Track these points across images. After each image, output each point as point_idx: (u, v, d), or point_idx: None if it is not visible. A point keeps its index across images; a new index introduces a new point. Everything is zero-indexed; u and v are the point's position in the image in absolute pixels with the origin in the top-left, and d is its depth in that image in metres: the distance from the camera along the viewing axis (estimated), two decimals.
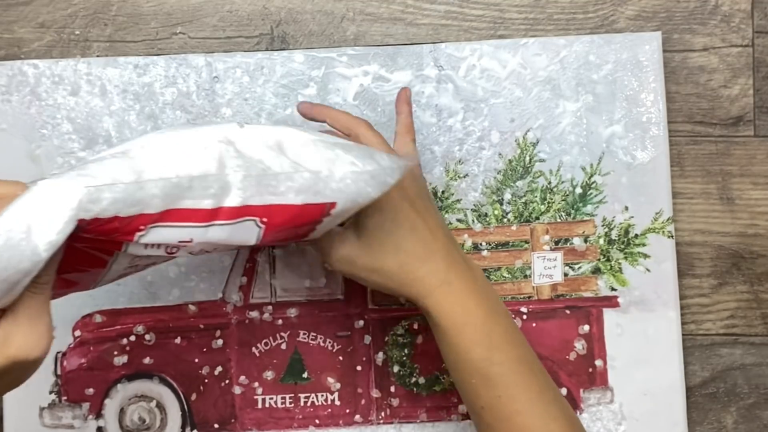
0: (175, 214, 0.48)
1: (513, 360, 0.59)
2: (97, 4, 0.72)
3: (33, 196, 0.43)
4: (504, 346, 0.59)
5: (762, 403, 0.72)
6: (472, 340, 0.58)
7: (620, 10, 0.72)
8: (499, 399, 0.58)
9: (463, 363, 0.59)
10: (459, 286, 0.59)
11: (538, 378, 0.60)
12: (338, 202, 0.52)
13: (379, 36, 0.72)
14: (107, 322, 0.71)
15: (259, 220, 0.51)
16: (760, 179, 0.72)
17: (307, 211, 0.52)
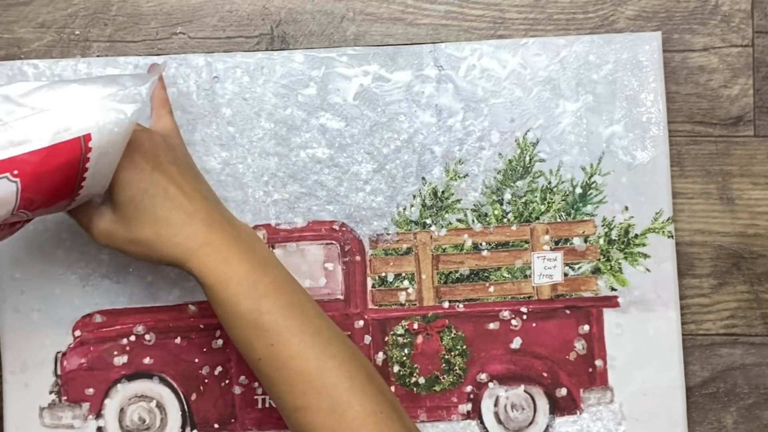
0: None
1: (283, 306, 0.60)
2: (97, 4, 0.72)
3: None
4: (272, 294, 0.60)
5: (762, 403, 0.72)
6: (237, 293, 0.59)
7: (620, 10, 0.72)
8: (273, 347, 0.59)
9: (233, 317, 0.60)
10: (220, 245, 0.60)
11: (313, 321, 0.60)
12: (92, 132, 0.52)
13: (379, 36, 0.72)
14: (107, 322, 0.71)
15: (10, 174, 0.50)
16: (760, 179, 0.72)
17: (61, 150, 0.51)
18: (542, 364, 0.71)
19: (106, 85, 0.53)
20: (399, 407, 0.61)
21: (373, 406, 0.58)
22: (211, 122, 0.71)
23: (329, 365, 0.59)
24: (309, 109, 0.71)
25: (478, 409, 0.71)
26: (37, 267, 0.71)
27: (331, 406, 0.58)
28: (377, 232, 0.71)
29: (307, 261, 0.71)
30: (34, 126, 0.50)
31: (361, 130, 0.71)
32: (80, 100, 0.52)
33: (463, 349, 0.71)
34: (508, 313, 0.71)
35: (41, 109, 0.51)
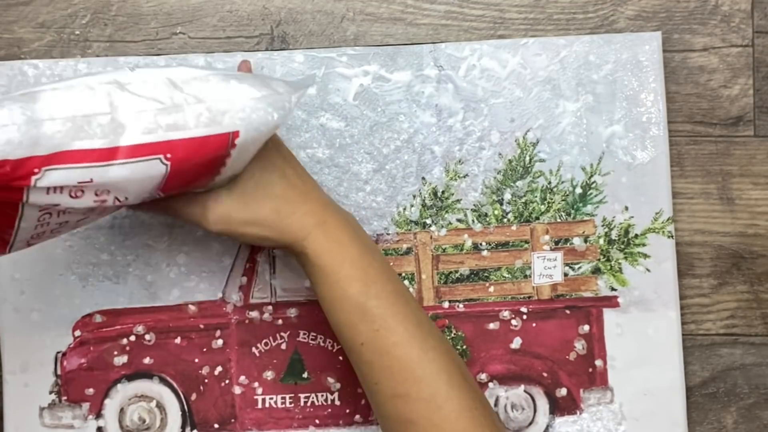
0: (69, 155, 0.49)
1: (390, 293, 0.60)
2: (97, 4, 0.72)
3: None
4: (380, 280, 0.60)
5: (762, 403, 0.72)
6: (349, 275, 0.60)
7: (620, 10, 0.72)
8: (377, 332, 0.59)
9: (341, 300, 0.60)
10: (335, 224, 0.61)
11: (415, 311, 0.61)
12: (241, 130, 0.53)
13: (379, 36, 0.72)
14: (107, 322, 0.71)
15: (163, 156, 0.51)
16: (760, 179, 0.72)
17: (211, 142, 0.52)
18: (542, 364, 0.71)
19: (260, 87, 0.55)
20: (490, 407, 0.61)
21: (470, 402, 0.59)
22: None
23: (431, 356, 0.59)
24: (309, 109, 0.71)
25: None
26: (37, 267, 0.71)
27: (430, 396, 0.58)
28: (377, 232, 0.71)
29: None
30: (192, 114, 0.52)
31: (361, 130, 0.71)
32: (236, 98, 0.53)
33: (463, 349, 0.71)
34: (508, 313, 0.71)
35: (200, 99, 0.52)
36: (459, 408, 0.58)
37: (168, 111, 0.51)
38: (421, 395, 0.58)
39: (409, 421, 0.58)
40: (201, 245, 0.71)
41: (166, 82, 0.53)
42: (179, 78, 0.53)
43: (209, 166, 0.54)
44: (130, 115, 0.50)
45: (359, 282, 0.60)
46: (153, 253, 0.71)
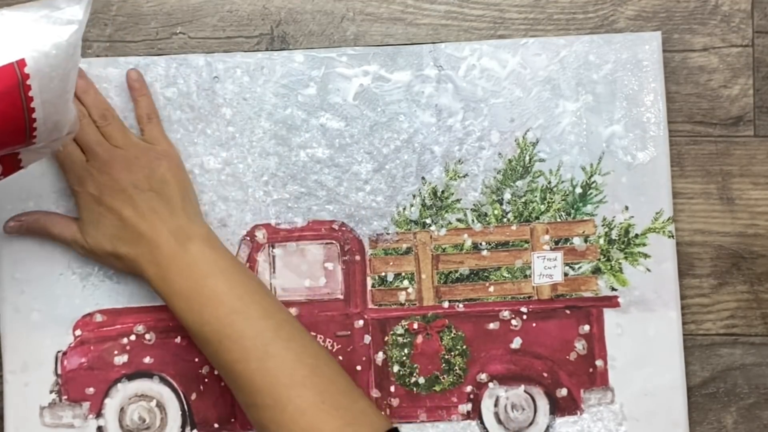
0: None
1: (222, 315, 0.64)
2: (97, 4, 0.72)
3: None
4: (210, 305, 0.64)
5: (762, 403, 0.72)
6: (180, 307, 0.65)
7: (620, 10, 0.72)
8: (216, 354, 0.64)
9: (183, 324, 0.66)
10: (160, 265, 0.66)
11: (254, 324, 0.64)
12: (26, 57, 0.50)
13: (379, 36, 0.72)
14: (107, 322, 0.71)
15: None
16: (760, 179, 0.72)
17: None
18: (542, 364, 0.71)
19: (38, 8, 0.51)
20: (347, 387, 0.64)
21: (315, 397, 0.61)
22: (211, 122, 0.71)
23: (269, 365, 0.62)
24: (309, 109, 0.71)
25: (478, 409, 0.71)
26: (37, 267, 0.71)
27: (273, 402, 0.61)
28: (377, 231, 0.71)
29: (306, 261, 0.71)
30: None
31: (361, 130, 0.71)
32: (10, 26, 0.50)
33: (463, 349, 0.71)
34: (508, 313, 0.71)
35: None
36: (304, 406, 0.61)
37: None
38: (266, 402, 0.61)
39: (263, 426, 0.62)
40: None
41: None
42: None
43: (9, 104, 0.51)
44: None
45: (190, 312, 0.64)
46: None
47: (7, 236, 0.70)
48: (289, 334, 0.64)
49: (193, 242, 0.66)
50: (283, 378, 0.61)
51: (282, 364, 0.62)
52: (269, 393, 0.61)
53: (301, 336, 0.65)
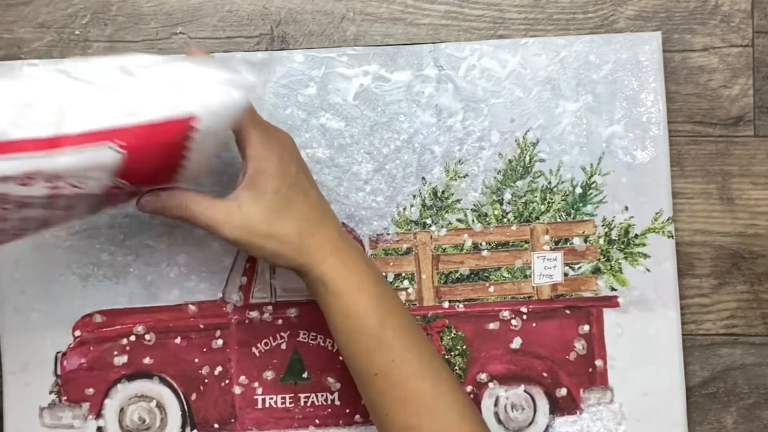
0: (10, 145, 0.47)
1: (405, 325, 0.60)
2: (97, 4, 0.72)
3: None
4: (396, 312, 0.60)
5: (762, 403, 0.72)
6: (367, 305, 0.59)
7: (620, 10, 0.72)
8: (393, 363, 0.59)
9: (358, 331, 0.60)
10: (350, 253, 0.60)
11: (427, 344, 0.61)
12: (198, 114, 0.51)
13: (379, 36, 0.72)
14: (107, 322, 0.71)
15: (116, 145, 0.49)
16: (760, 179, 0.72)
17: (167, 128, 0.50)
18: (542, 364, 0.71)
19: (219, 68, 0.52)
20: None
21: None
22: None
23: (443, 388, 0.59)
24: (309, 109, 0.71)
25: (478, 409, 0.71)
26: (37, 267, 0.71)
27: (442, 428, 0.58)
28: (377, 232, 0.71)
29: None
30: (145, 99, 0.50)
31: (361, 130, 0.71)
32: (192, 81, 0.51)
33: (463, 349, 0.71)
34: (508, 313, 0.71)
35: (153, 84, 0.50)
36: None
37: (118, 97, 0.49)
38: (433, 427, 0.58)
39: None
40: (201, 245, 0.71)
41: (118, 68, 0.51)
42: (132, 64, 0.51)
43: (168, 153, 0.52)
44: (75, 102, 0.49)
45: (377, 313, 0.59)
46: (153, 253, 0.71)
47: None
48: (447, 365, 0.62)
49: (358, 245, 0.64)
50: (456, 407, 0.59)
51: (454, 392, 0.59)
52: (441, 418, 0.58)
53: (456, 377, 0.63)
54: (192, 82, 0.51)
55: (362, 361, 0.60)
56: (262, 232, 0.59)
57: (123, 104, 0.49)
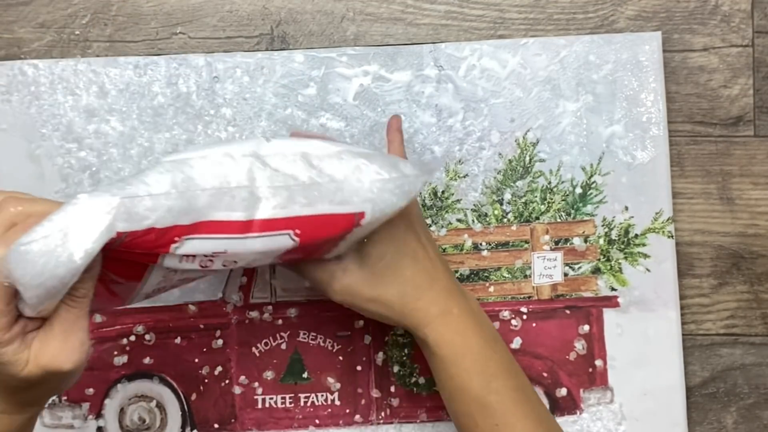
0: (208, 225, 0.49)
1: (510, 388, 0.60)
2: (97, 4, 0.72)
3: (71, 207, 0.45)
4: (501, 375, 0.60)
5: (762, 403, 0.72)
6: (470, 369, 0.59)
7: (620, 10, 0.72)
8: (497, 427, 0.58)
9: (461, 392, 0.59)
10: (458, 315, 0.60)
11: (535, 407, 0.60)
12: (366, 211, 0.53)
13: (379, 36, 0.72)
14: (107, 322, 0.71)
15: (293, 232, 0.52)
16: (760, 179, 0.72)
17: (339, 221, 0.53)
18: (542, 364, 0.71)
19: (390, 169, 0.54)
20: None
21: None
22: (211, 122, 0.71)
23: None
24: (309, 109, 0.71)
25: None
26: None
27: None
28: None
29: None
30: (324, 193, 0.52)
31: (361, 130, 0.71)
32: (366, 178, 0.53)
33: None
34: (508, 313, 0.71)
35: (333, 178, 0.53)
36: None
37: (301, 187, 0.52)
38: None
39: None
40: None
41: (301, 157, 0.53)
42: (314, 153, 0.53)
43: (330, 242, 0.55)
44: (266, 189, 0.51)
45: (480, 376, 0.59)
46: None
47: None
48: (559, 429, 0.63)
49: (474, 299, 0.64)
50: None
51: None
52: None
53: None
54: (365, 179, 0.53)
55: (467, 422, 0.60)
56: (366, 297, 0.59)
57: (304, 194, 0.52)
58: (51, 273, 0.44)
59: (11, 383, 0.47)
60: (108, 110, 0.71)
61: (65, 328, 0.47)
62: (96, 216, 0.45)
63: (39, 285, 0.44)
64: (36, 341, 0.47)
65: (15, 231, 0.45)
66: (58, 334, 0.47)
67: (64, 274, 0.44)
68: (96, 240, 0.44)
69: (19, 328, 0.46)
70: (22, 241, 0.43)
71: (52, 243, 0.43)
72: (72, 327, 0.47)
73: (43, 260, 0.43)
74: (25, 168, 0.71)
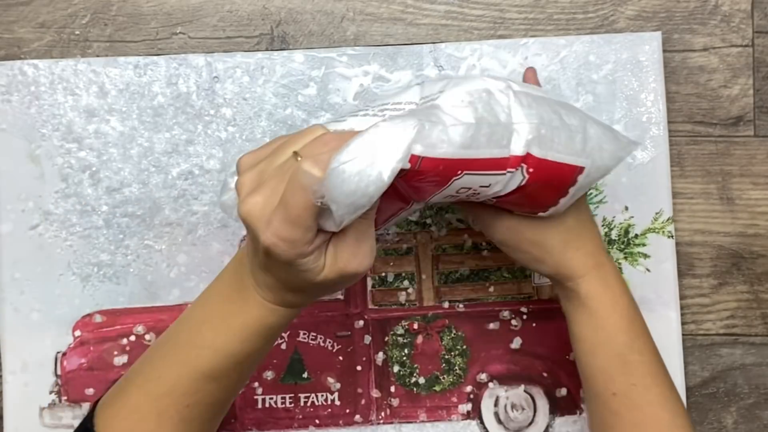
0: (484, 162, 0.50)
1: (651, 351, 0.60)
2: (97, 4, 0.72)
3: (375, 129, 0.46)
4: (644, 336, 0.60)
5: (762, 403, 0.72)
6: (617, 324, 0.59)
7: (620, 10, 0.72)
8: (634, 387, 0.59)
9: (604, 346, 0.60)
10: (610, 270, 0.60)
11: (668, 375, 0.61)
12: (586, 167, 0.54)
13: (379, 36, 0.72)
14: (107, 322, 0.71)
15: (526, 169, 0.52)
16: (760, 179, 0.72)
17: (565, 170, 0.54)
18: (542, 364, 0.71)
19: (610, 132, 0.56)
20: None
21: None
22: (211, 122, 0.71)
23: (680, 422, 0.59)
24: (309, 109, 0.71)
25: (478, 409, 0.71)
26: (37, 267, 0.71)
27: None
28: (377, 232, 0.71)
29: None
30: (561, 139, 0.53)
31: None
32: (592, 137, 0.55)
33: (463, 349, 0.71)
34: (508, 313, 0.71)
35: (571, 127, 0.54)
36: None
37: (554, 129, 0.52)
38: None
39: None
40: (201, 245, 0.71)
41: (554, 104, 0.54)
42: (553, 100, 0.54)
43: (548, 195, 0.55)
44: (523, 126, 0.52)
45: (626, 334, 0.59)
46: (153, 253, 0.71)
47: (7, 236, 0.70)
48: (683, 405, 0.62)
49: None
50: None
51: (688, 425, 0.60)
52: None
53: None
54: (592, 138, 0.54)
55: (602, 377, 0.60)
56: (529, 238, 0.60)
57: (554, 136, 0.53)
58: (363, 191, 0.45)
59: (303, 285, 0.50)
60: (108, 110, 0.71)
61: (357, 237, 0.50)
62: (399, 136, 0.46)
63: (351, 203, 0.45)
64: (330, 249, 0.49)
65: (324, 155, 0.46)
66: (351, 243, 0.49)
67: (373, 192, 0.45)
68: (400, 159, 0.46)
69: (318, 241, 0.48)
70: (340, 160, 0.45)
71: (364, 162, 0.45)
72: (363, 236, 0.50)
73: (356, 179, 0.45)
74: (25, 168, 0.71)
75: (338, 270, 0.49)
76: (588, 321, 0.60)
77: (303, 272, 0.49)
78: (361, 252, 0.50)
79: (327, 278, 0.49)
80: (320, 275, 0.49)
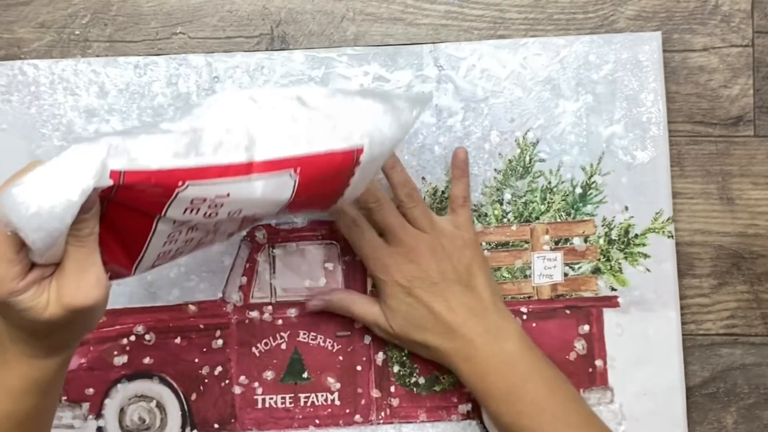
0: (210, 170, 0.49)
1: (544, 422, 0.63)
2: (97, 4, 0.72)
3: (63, 152, 0.45)
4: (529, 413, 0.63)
5: (762, 403, 0.72)
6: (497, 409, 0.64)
7: (620, 10, 0.72)
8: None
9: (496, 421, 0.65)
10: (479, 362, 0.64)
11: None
12: (365, 146, 0.53)
13: (379, 36, 0.72)
14: (107, 322, 0.71)
15: (293, 170, 0.51)
16: (760, 179, 0.72)
17: (336, 158, 0.53)
18: None
19: (383, 102, 0.55)
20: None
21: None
22: None
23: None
24: None
25: (478, 409, 0.71)
26: None
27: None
28: None
29: (307, 261, 0.71)
30: (321, 130, 0.52)
31: None
32: (360, 113, 0.54)
33: None
34: None
35: (328, 115, 0.53)
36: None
37: (298, 126, 0.52)
38: None
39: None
40: None
41: (295, 98, 0.53)
42: (306, 95, 0.53)
43: (334, 184, 0.55)
44: (264, 130, 0.51)
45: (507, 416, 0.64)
46: None
47: None
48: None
49: (510, 341, 0.64)
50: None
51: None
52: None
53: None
54: (360, 114, 0.54)
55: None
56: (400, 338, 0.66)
57: (302, 134, 0.52)
58: (48, 213, 0.44)
59: (37, 327, 0.48)
60: (108, 110, 0.71)
61: (78, 266, 0.47)
62: (89, 155, 0.45)
63: (38, 228, 0.44)
64: (53, 284, 0.48)
65: (9, 180, 0.46)
66: (72, 273, 0.47)
67: (62, 214, 0.44)
68: (90, 176, 0.45)
69: (33, 276, 0.47)
70: (15, 184, 0.44)
71: (46, 183, 0.44)
72: (84, 264, 0.48)
73: (37, 201, 0.43)
74: None
75: (64, 305, 0.47)
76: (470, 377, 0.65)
77: (24, 311, 0.47)
78: (85, 283, 0.47)
79: (54, 315, 0.47)
80: (45, 313, 0.47)
